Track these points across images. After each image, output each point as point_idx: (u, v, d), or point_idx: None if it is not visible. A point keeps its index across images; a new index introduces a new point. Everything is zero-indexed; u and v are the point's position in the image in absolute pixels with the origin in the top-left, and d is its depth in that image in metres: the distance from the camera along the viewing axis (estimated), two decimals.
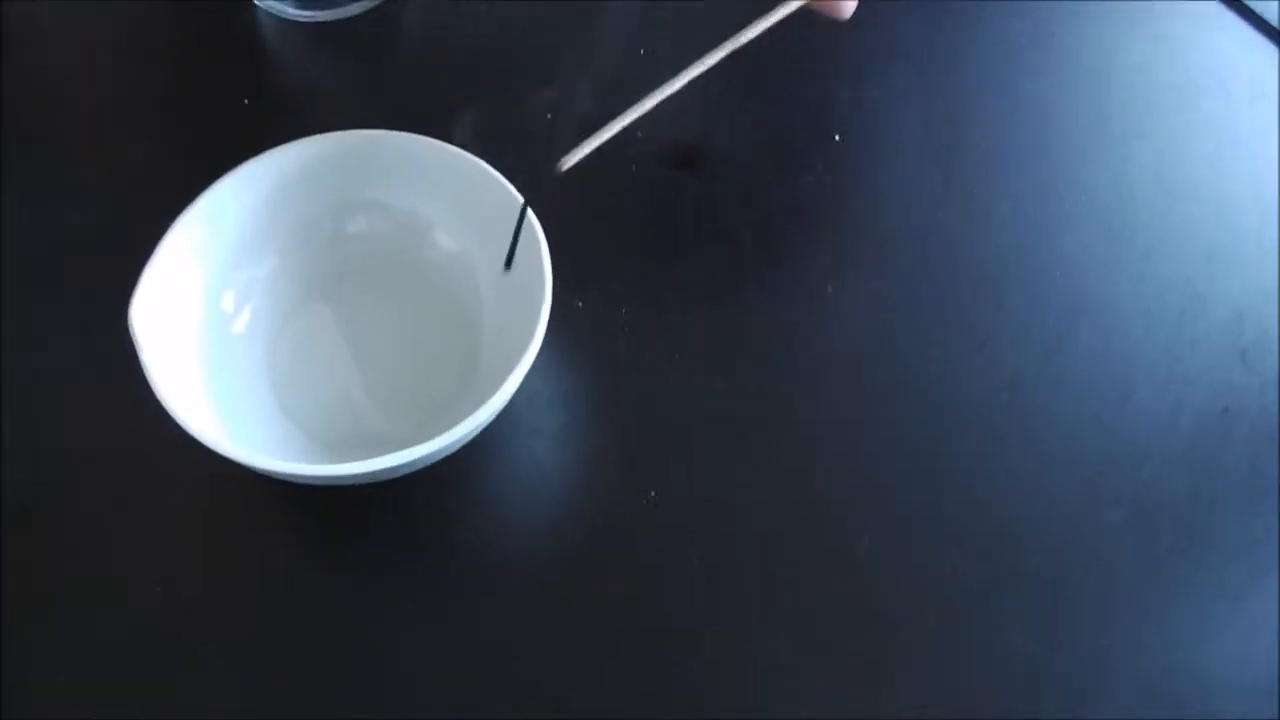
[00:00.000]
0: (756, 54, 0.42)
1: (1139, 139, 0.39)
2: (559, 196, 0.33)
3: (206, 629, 0.30)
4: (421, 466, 0.29)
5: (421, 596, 0.31)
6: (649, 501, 0.32)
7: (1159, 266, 0.37)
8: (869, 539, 0.31)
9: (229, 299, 0.32)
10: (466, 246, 0.33)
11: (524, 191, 0.31)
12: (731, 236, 0.37)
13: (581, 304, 0.34)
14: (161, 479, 0.31)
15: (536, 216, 0.31)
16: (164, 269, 0.29)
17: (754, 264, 0.36)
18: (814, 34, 0.42)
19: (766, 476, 0.32)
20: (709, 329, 0.35)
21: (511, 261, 0.31)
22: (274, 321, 0.33)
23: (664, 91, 0.32)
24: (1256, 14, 0.42)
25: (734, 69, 0.42)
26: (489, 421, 0.28)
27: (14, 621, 0.30)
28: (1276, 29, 0.42)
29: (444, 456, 0.29)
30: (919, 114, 0.40)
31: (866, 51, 0.42)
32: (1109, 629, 0.30)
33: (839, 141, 0.39)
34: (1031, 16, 0.43)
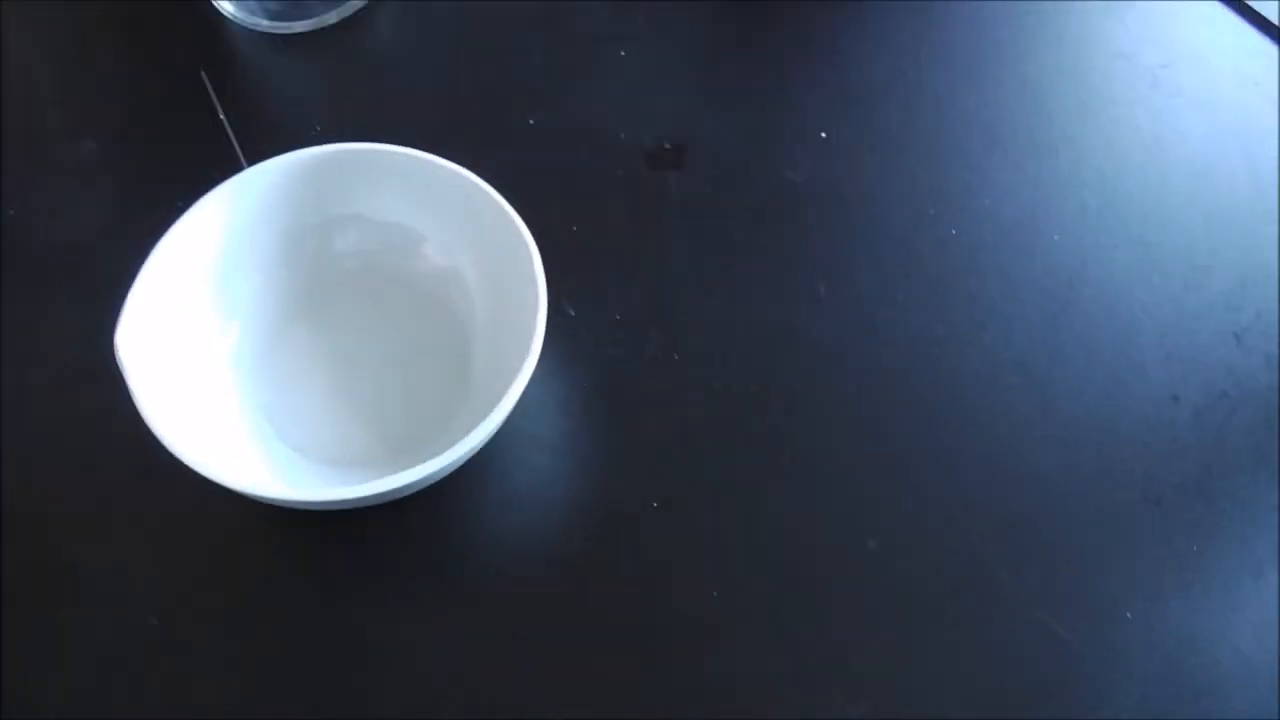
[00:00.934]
0: (737, 52, 0.42)
1: (1127, 116, 0.39)
2: (546, 203, 0.33)
3: (205, 639, 0.29)
4: (417, 489, 0.28)
5: (422, 605, 0.30)
6: (651, 507, 0.31)
7: (1158, 236, 0.36)
8: (879, 537, 0.31)
9: (215, 319, 0.31)
10: (455, 258, 0.32)
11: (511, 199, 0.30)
12: (723, 236, 0.36)
13: (574, 311, 0.34)
14: (156, 496, 0.30)
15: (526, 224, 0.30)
16: (147, 292, 0.29)
17: (746, 263, 0.36)
18: (793, 30, 0.42)
19: (770, 476, 0.32)
20: (704, 330, 0.34)
21: None
22: (261, 340, 0.32)
23: None
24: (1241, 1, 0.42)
25: (715, 67, 0.41)
26: (486, 441, 0.28)
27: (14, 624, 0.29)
28: (1258, 14, 0.42)
29: (434, 483, 0.28)
30: (905, 102, 0.40)
31: (850, 44, 0.42)
32: (1129, 606, 0.30)
33: (824, 138, 0.38)
34: (1013, 8, 0.43)
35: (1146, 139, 0.39)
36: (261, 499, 0.27)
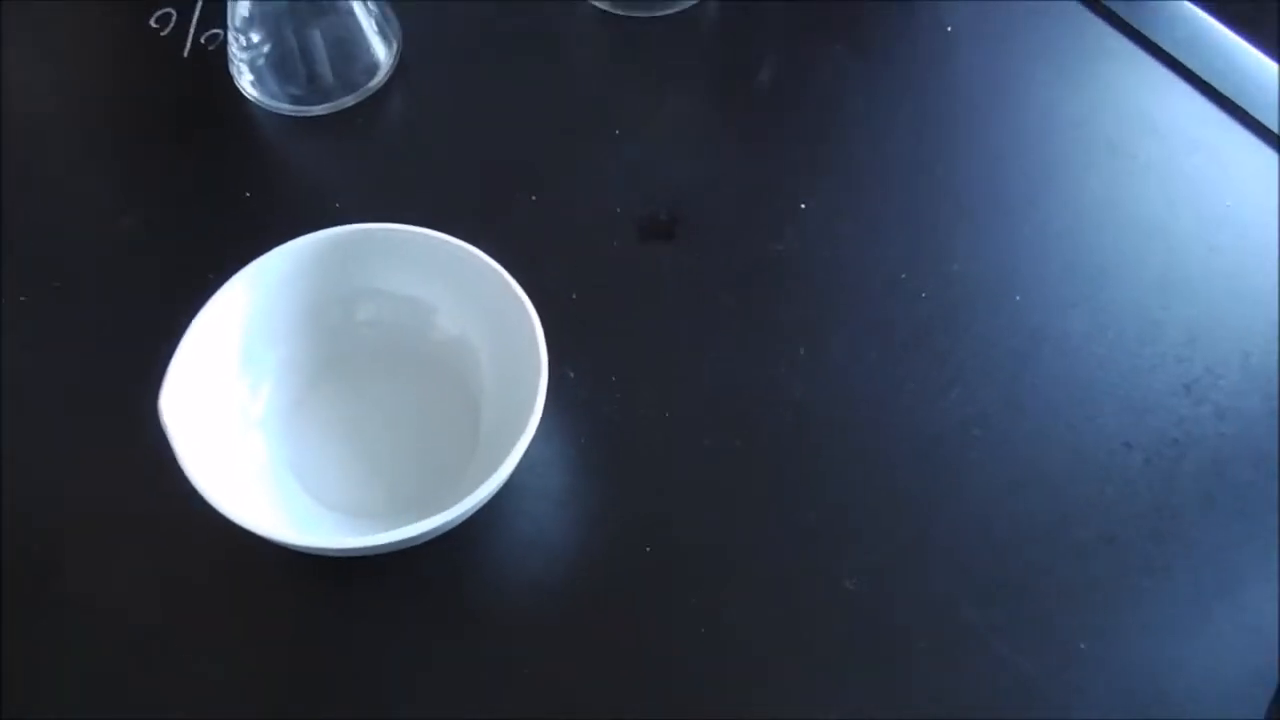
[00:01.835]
0: (723, 131, 0.45)
1: (1085, 182, 0.42)
2: (547, 273, 0.36)
3: (220, 661, 0.32)
4: (431, 538, 0.31)
5: (433, 648, 0.33)
6: (645, 551, 0.34)
7: (1113, 294, 0.39)
8: (855, 579, 0.34)
9: (246, 386, 0.34)
10: (465, 328, 0.35)
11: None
12: (711, 303, 0.39)
13: (573, 374, 0.37)
14: (192, 544, 0.33)
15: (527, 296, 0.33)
16: (186, 362, 0.32)
17: (732, 327, 0.39)
18: (774, 111, 0.45)
19: (757, 522, 0.35)
20: (695, 389, 0.37)
21: None
22: (288, 404, 0.35)
23: None
24: (1188, 68, 0.45)
25: (703, 146, 0.45)
26: (494, 494, 0.31)
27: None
28: (1208, 84, 0.45)
29: (445, 531, 0.31)
30: (881, 174, 0.43)
31: (827, 123, 0.45)
32: (1086, 639, 0.33)
33: (804, 209, 0.41)
34: (978, 84, 0.46)
35: (1103, 202, 0.42)
36: (285, 545, 0.30)
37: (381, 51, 0.45)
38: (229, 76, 0.45)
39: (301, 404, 0.35)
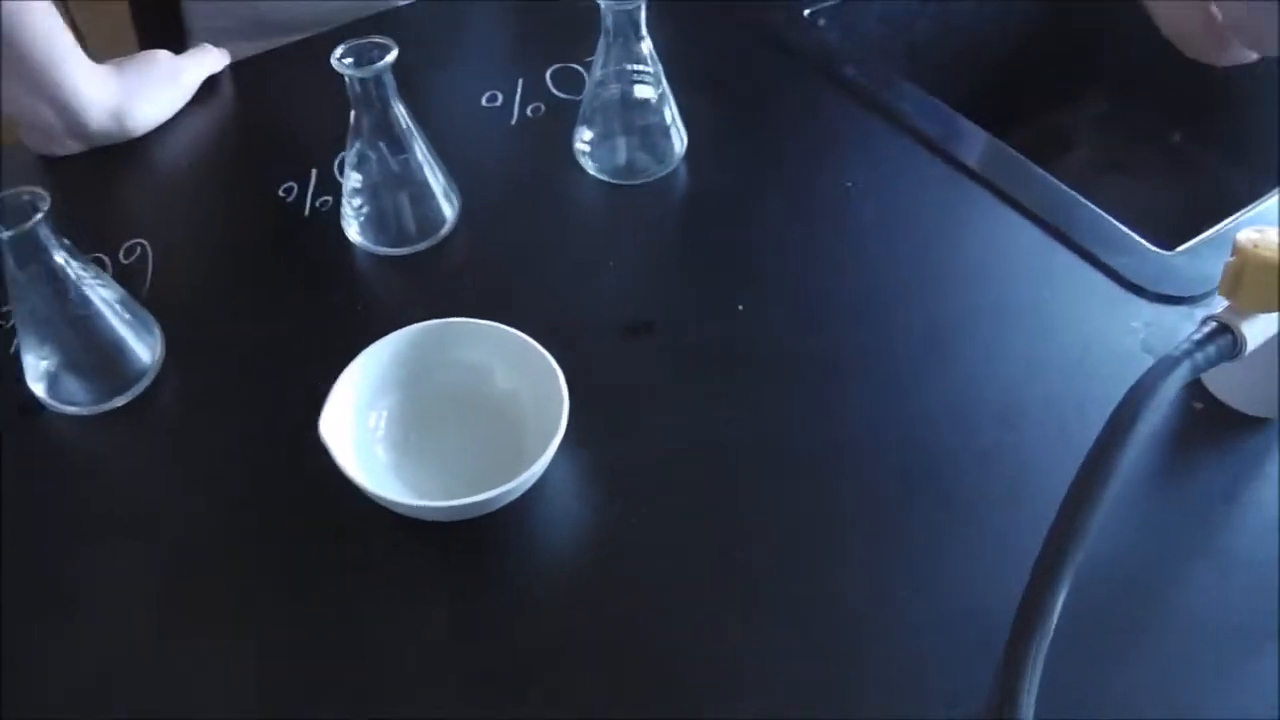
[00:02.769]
0: (682, 258, 0.64)
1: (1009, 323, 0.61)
2: (565, 358, 0.53)
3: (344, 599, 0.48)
4: (486, 510, 0.48)
5: (478, 603, 0.47)
6: (639, 520, 0.50)
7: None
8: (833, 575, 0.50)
9: (373, 419, 0.52)
10: (514, 385, 0.53)
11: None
12: (684, 383, 0.56)
13: (587, 421, 0.54)
14: (332, 518, 0.50)
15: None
16: (336, 403, 0.49)
17: (705, 393, 0.55)
18: (721, 242, 0.63)
19: (720, 526, 0.50)
20: (680, 439, 0.53)
21: None
22: (398, 431, 0.53)
23: None
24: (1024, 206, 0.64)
25: (670, 268, 0.63)
26: (532, 481, 0.48)
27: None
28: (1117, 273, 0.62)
29: (501, 505, 0.48)
30: (797, 286, 0.61)
31: (759, 250, 0.63)
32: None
33: (741, 310, 0.59)
34: (868, 223, 0.65)
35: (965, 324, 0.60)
36: (396, 506, 0.47)
37: (447, 210, 0.64)
38: (340, 229, 0.64)
39: (405, 431, 0.53)
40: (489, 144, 0.70)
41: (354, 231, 0.63)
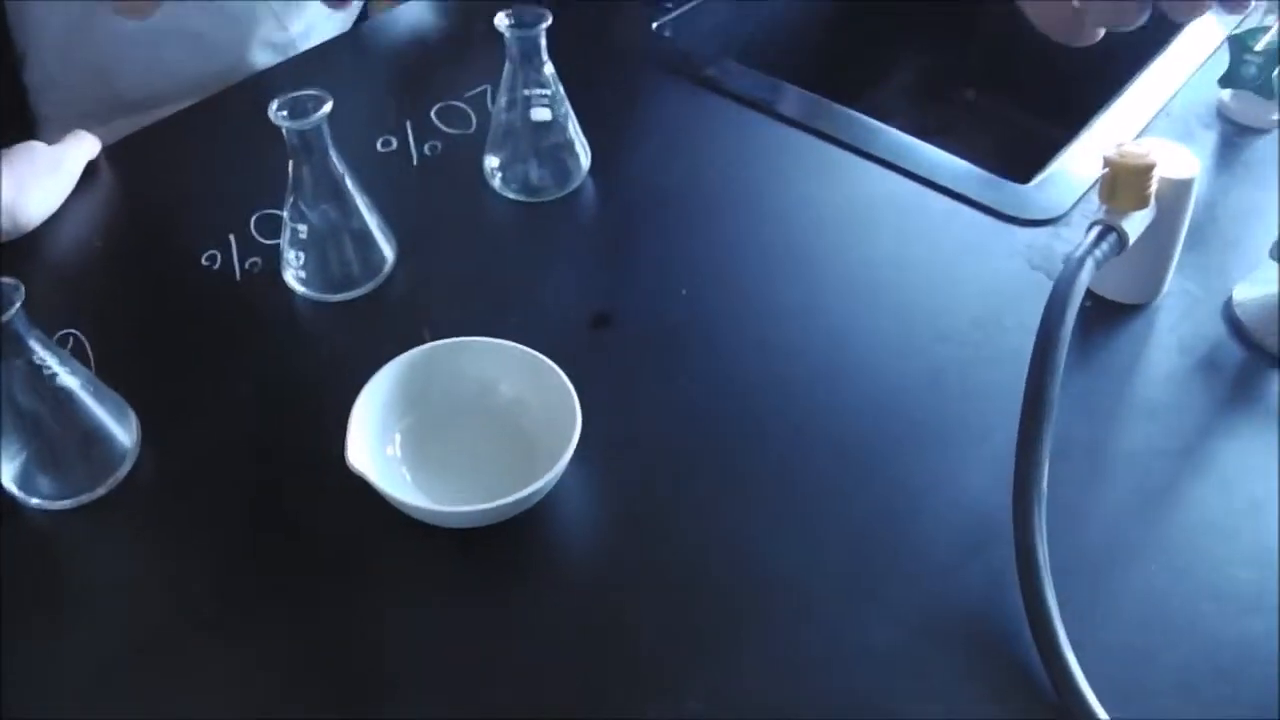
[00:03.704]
0: (609, 246, 0.69)
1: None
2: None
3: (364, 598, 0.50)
4: (501, 518, 0.51)
5: (497, 601, 0.50)
6: (643, 509, 0.55)
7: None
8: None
9: (389, 436, 0.55)
10: (520, 392, 0.56)
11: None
12: (640, 365, 0.61)
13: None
14: (357, 521, 0.52)
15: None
16: (356, 424, 0.52)
17: (655, 371, 0.60)
18: (640, 221, 0.69)
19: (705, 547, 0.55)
20: (670, 417, 0.58)
21: None
22: (413, 445, 0.55)
23: None
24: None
25: (600, 260, 0.68)
26: (546, 489, 0.50)
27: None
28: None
29: (513, 514, 0.51)
30: (733, 252, 0.67)
31: (701, 242, 0.69)
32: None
33: (685, 294, 0.65)
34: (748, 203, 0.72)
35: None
36: (415, 511, 0.50)
37: (387, 250, 0.66)
38: (278, 285, 0.65)
39: (420, 445, 0.55)
40: (400, 185, 0.72)
41: (297, 283, 0.64)
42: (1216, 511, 0.53)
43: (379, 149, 0.76)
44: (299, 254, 0.63)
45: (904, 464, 0.56)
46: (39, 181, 0.70)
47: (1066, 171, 0.72)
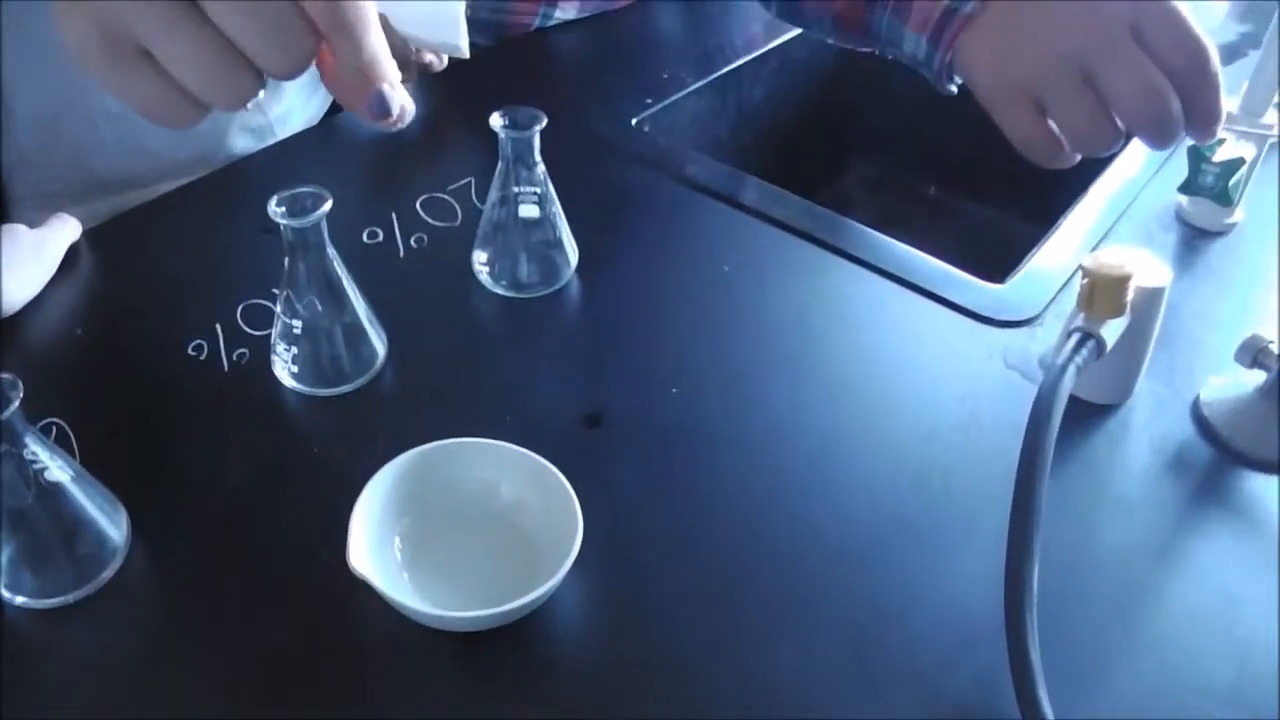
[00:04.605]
0: (599, 343, 0.70)
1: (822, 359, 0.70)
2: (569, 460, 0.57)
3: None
4: (501, 623, 0.50)
5: (496, 703, 0.49)
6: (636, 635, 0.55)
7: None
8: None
9: (389, 539, 0.54)
10: (521, 495, 0.56)
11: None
12: (635, 464, 0.62)
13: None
14: (356, 623, 0.52)
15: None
16: (357, 526, 0.51)
17: (648, 471, 0.61)
18: (629, 318, 0.70)
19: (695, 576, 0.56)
20: (636, 521, 0.58)
21: None
22: (414, 547, 0.55)
23: None
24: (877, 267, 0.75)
25: (591, 357, 0.69)
26: (548, 594, 0.50)
27: None
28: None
29: (515, 619, 0.51)
30: (721, 347, 0.68)
31: (685, 339, 0.70)
32: None
33: (675, 393, 0.66)
34: (745, 303, 0.74)
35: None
36: (418, 616, 0.50)
37: (379, 345, 0.66)
38: (267, 378, 0.65)
39: (420, 547, 0.55)
40: (388, 278, 0.73)
41: (288, 377, 0.64)
42: (1194, 607, 0.55)
43: (365, 240, 0.76)
44: (291, 348, 0.63)
45: (895, 563, 0.57)
46: (22, 265, 0.70)
47: (1038, 272, 0.75)
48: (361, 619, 0.52)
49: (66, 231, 0.74)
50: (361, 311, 0.65)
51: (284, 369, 0.64)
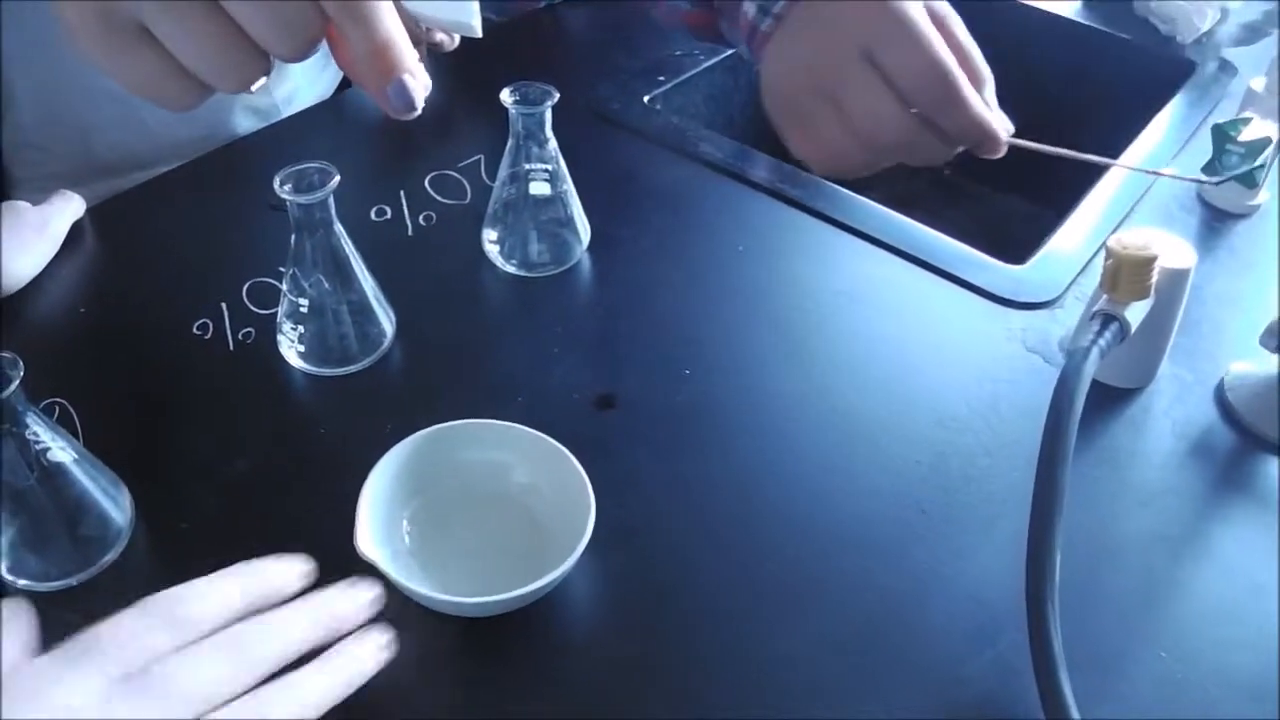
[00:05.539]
0: (609, 323, 0.68)
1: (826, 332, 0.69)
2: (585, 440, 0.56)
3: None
4: (510, 608, 0.49)
5: (501, 689, 0.49)
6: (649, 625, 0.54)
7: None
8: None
9: (398, 525, 0.53)
10: (533, 478, 0.55)
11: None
12: (646, 443, 0.61)
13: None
14: None
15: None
16: (365, 509, 0.50)
17: (661, 456, 0.60)
18: (641, 298, 0.69)
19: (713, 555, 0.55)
20: (681, 501, 0.57)
21: None
22: (421, 528, 0.54)
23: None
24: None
25: (602, 337, 0.68)
26: (558, 580, 0.49)
27: None
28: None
29: (524, 605, 0.50)
30: (734, 328, 0.67)
31: (701, 322, 0.69)
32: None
33: (689, 374, 0.65)
34: (758, 282, 0.72)
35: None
36: (426, 600, 0.48)
37: (386, 325, 0.65)
38: (273, 358, 0.64)
39: (430, 534, 0.54)
40: (395, 255, 0.72)
41: (295, 356, 0.63)
42: (1220, 596, 0.54)
43: (373, 218, 0.75)
44: (297, 327, 0.62)
45: (912, 550, 0.56)
46: (25, 242, 0.69)
47: (1057, 255, 0.73)
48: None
49: (70, 209, 0.73)
50: (369, 290, 0.63)
51: (290, 348, 0.63)
